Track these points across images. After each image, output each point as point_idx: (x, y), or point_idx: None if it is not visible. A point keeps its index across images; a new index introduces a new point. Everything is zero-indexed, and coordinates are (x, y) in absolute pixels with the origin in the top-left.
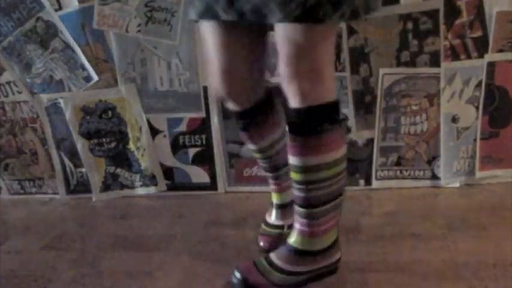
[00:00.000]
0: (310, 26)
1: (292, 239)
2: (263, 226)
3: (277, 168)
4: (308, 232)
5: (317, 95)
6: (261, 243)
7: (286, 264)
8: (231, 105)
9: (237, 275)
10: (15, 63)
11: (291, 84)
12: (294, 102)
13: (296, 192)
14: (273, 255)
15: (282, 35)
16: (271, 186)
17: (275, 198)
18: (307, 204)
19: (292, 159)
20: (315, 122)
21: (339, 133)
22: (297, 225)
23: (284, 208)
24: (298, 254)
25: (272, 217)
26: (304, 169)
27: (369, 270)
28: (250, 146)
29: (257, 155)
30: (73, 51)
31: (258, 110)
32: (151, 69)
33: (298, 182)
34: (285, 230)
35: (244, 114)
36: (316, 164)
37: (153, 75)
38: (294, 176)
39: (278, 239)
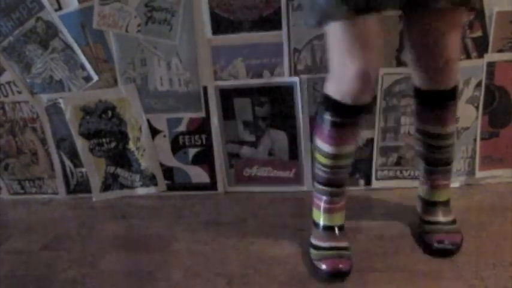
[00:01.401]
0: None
1: (441, 197)
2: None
3: (342, 183)
4: (448, 184)
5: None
6: (340, 266)
7: (448, 216)
8: (358, 99)
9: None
10: (15, 63)
11: (446, 70)
12: (445, 84)
13: (438, 155)
14: (435, 218)
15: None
16: (326, 206)
17: (327, 220)
18: (446, 162)
19: (436, 129)
20: (450, 97)
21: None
22: (442, 182)
23: (334, 230)
24: (447, 204)
25: (330, 240)
26: (444, 136)
27: (369, 270)
28: (331, 150)
29: (330, 162)
30: (73, 51)
31: (368, 106)
32: (151, 69)
33: (440, 147)
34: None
35: (360, 109)
36: (452, 131)
37: (153, 75)
38: (435, 142)
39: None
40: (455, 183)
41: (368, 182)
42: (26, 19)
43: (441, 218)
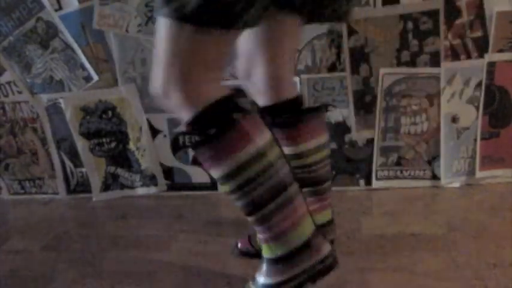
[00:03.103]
0: None
1: (262, 251)
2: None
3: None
4: (266, 238)
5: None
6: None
7: (266, 278)
8: None
9: None
10: (15, 63)
11: None
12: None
13: (236, 204)
14: (257, 275)
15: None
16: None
17: None
18: (248, 211)
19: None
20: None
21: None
22: (258, 235)
23: None
24: (271, 263)
25: None
26: (223, 178)
27: (369, 270)
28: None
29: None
30: (73, 51)
31: None
32: (152, 69)
33: (230, 193)
34: None
35: None
36: (231, 168)
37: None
38: (224, 188)
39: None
40: (455, 183)
41: (368, 182)
42: (26, 19)
43: None
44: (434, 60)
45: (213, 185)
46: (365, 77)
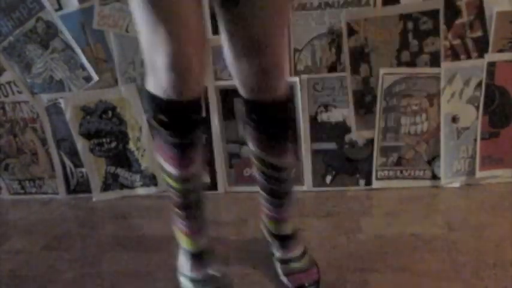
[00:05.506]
0: None
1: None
2: None
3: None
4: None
5: None
6: None
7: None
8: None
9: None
10: (15, 63)
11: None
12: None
13: (272, 185)
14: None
15: None
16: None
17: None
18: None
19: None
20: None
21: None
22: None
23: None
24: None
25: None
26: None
27: (369, 270)
28: (175, 172)
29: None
30: (73, 51)
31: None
32: None
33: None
34: None
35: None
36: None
37: None
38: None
39: None
40: (455, 183)
41: (368, 182)
42: (26, 19)
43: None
44: (434, 60)
45: (213, 185)
46: (365, 77)
